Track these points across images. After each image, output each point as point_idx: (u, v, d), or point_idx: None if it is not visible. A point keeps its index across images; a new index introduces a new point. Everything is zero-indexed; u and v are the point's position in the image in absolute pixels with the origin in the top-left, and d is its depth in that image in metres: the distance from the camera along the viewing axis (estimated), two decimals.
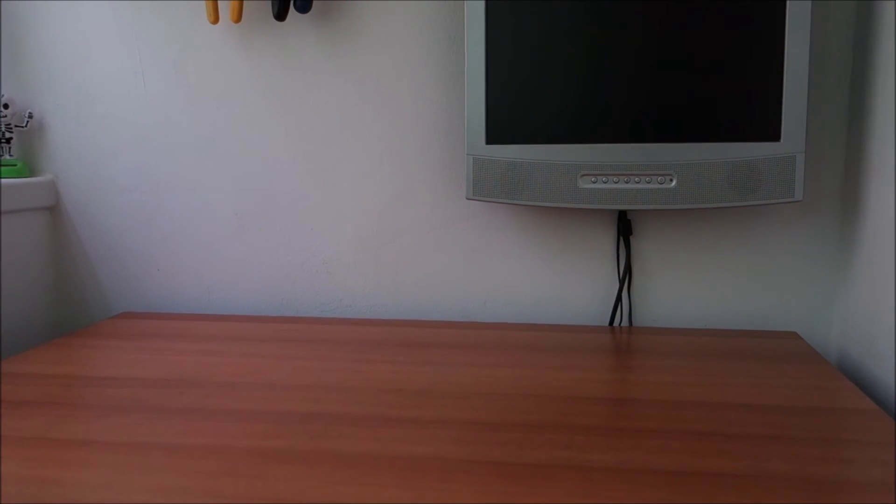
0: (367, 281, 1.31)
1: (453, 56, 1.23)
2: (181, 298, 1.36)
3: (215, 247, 1.33)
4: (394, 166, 1.27)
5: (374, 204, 1.29)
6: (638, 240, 1.22)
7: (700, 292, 1.22)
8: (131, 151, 1.33)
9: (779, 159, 1.03)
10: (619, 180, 1.08)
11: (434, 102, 1.25)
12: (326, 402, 0.86)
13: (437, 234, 1.28)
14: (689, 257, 1.21)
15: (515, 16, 1.09)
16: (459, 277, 1.28)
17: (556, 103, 1.09)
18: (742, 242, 1.20)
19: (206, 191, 1.32)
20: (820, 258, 1.19)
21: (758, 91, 1.03)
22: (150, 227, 1.35)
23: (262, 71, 1.28)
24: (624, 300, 1.23)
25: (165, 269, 1.35)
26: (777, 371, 0.96)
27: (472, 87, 1.11)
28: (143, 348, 1.08)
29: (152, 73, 1.31)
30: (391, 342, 1.10)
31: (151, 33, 1.30)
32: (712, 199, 1.05)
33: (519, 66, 1.09)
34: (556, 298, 1.26)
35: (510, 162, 1.11)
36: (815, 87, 1.15)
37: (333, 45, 1.26)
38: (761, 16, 1.02)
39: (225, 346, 1.09)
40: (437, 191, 1.27)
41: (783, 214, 1.18)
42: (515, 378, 0.94)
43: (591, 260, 1.24)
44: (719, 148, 1.05)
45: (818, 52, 1.14)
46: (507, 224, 1.26)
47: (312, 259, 1.31)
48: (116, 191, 1.34)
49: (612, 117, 1.08)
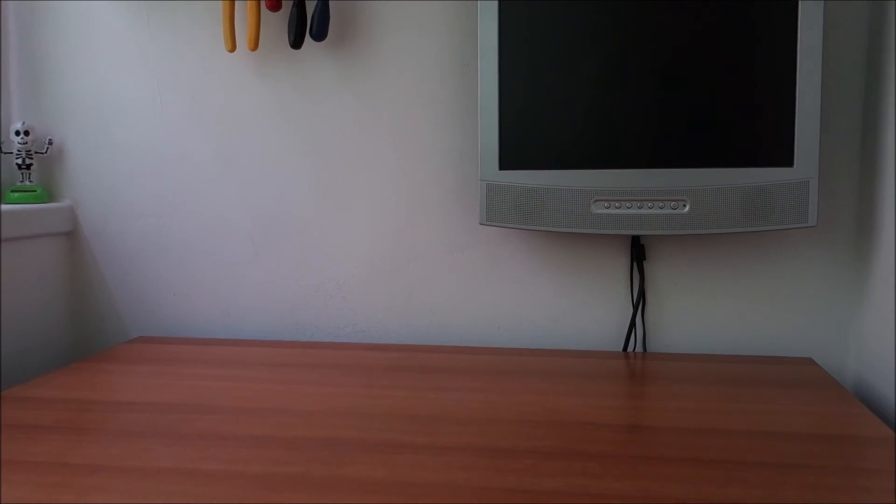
0: (380, 305, 1.31)
1: (467, 82, 1.24)
2: (196, 322, 1.37)
3: (230, 271, 1.34)
4: (408, 191, 1.28)
5: (388, 228, 1.29)
6: (651, 265, 1.22)
7: (714, 318, 1.21)
8: (149, 177, 1.35)
9: (792, 185, 1.03)
10: (633, 205, 1.08)
11: (448, 128, 1.26)
12: (339, 427, 0.86)
13: (450, 259, 1.28)
14: (703, 283, 1.21)
15: (528, 42, 1.10)
16: (473, 302, 1.28)
17: (568, 129, 1.09)
18: (756, 268, 1.19)
19: (221, 215, 1.33)
20: (835, 283, 1.18)
21: (770, 117, 1.04)
22: (166, 252, 1.36)
23: (278, 97, 1.30)
24: (638, 325, 1.23)
25: (181, 293, 1.36)
26: (793, 398, 0.95)
27: (486, 113, 1.12)
28: (158, 373, 1.09)
29: (170, 99, 1.33)
30: (404, 367, 1.10)
31: (170, 61, 1.32)
32: (726, 224, 1.05)
33: (532, 93, 1.10)
34: (569, 323, 1.26)
35: (523, 187, 1.11)
36: (827, 112, 1.15)
37: (348, 71, 1.28)
38: (773, 42, 1.03)
39: (239, 371, 1.10)
40: (450, 216, 1.27)
41: (797, 239, 1.18)
42: (529, 404, 0.93)
43: (605, 285, 1.24)
44: (732, 173, 1.05)
45: (830, 77, 1.14)
46: (520, 249, 1.26)
47: (326, 283, 1.32)
48: (133, 215, 1.36)
49: (624, 143, 1.08)
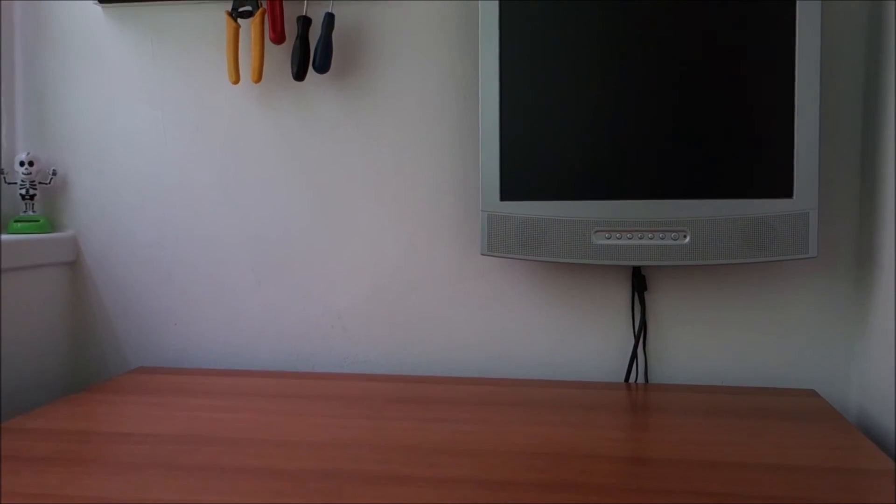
0: (381, 336, 1.31)
1: (468, 113, 1.26)
2: (197, 353, 1.36)
3: (232, 301, 1.35)
4: (409, 222, 1.29)
5: (389, 259, 1.30)
6: (652, 295, 1.22)
7: (716, 349, 1.21)
8: (152, 207, 1.36)
9: (792, 216, 1.04)
10: (633, 236, 1.09)
11: (449, 159, 1.27)
12: (341, 459, 0.86)
13: (451, 289, 1.28)
14: (704, 313, 1.21)
15: (530, 74, 1.11)
16: (474, 333, 1.28)
17: (569, 160, 1.10)
18: (758, 299, 1.20)
19: (224, 245, 1.34)
20: (837, 314, 1.18)
21: (770, 148, 1.04)
22: (168, 282, 1.36)
23: (280, 129, 1.31)
24: (639, 356, 1.23)
25: (182, 323, 1.36)
26: (796, 430, 0.95)
27: (487, 145, 1.13)
28: (159, 404, 1.09)
29: (174, 130, 1.34)
30: (405, 398, 1.10)
31: (174, 92, 1.34)
32: (726, 255, 1.06)
33: (533, 124, 1.11)
34: (571, 354, 1.25)
35: (524, 218, 1.12)
36: (826, 144, 1.16)
37: (350, 103, 1.29)
38: (771, 74, 1.04)
39: (240, 402, 1.09)
40: (451, 246, 1.28)
41: (798, 270, 1.18)
42: (531, 436, 0.93)
43: (606, 315, 1.24)
44: (732, 205, 1.05)
45: (828, 109, 1.15)
46: (521, 279, 1.26)
47: (328, 313, 1.32)
48: (136, 246, 1.36)
49: (625, 174, 1.09)
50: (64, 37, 1.36)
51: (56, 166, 1.37)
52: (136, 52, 1.34)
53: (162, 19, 1.33)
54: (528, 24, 1.10)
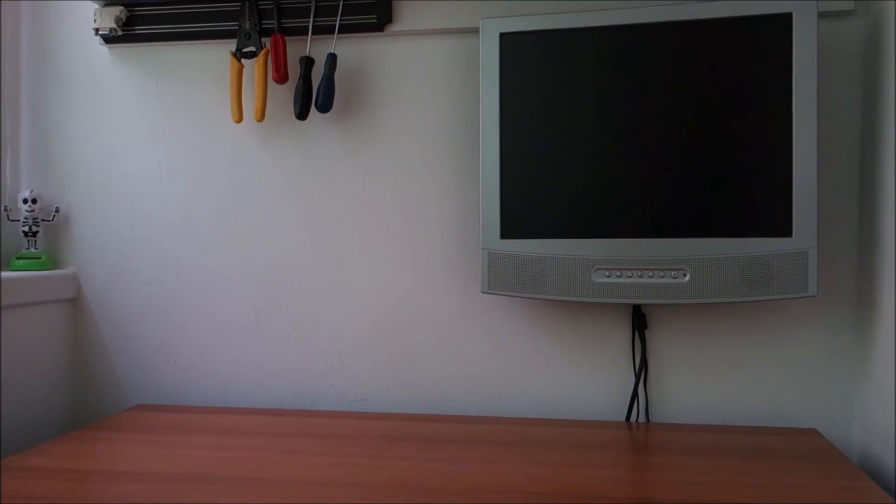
0: (381, 374, 1.30)
1: (469, 152, 1.27)
2: (197, 390, 1.36)
3: (232, 339, 1.34)
4: (410, 260, 1.29)
5: (390, 297, 1.30)
6: (653, 334, 1.22)
7: (717, 387, 1.21)
8: (153, 245, 1.36)
9: (792, 254, 1.04)
10: (633, 275, 1.09)
11: (450, 197, 1.27)
12: (340, 498, 0.85)
13: (452, 327, 1.28)
14: (705, 352, 1.21)
15: (529, 114, 1.12)
16: (475, 371, 1.28)
17: (569, 199, 1.11)
18: (758, 337, 1.20)
19: (224, 283, 1.34)
20: (838, 352, 1.18)
21: (768, 188, 1.05)
22: (168, 319, 1.36)
23: (282, 167, 1.32)
24: (640, 395, 1.23)
25: (182, 360, 1.36)
26: (798, 470, 0.94)
27: (487, 183, 1.14)
28: (158, 442, 1.08)
29: (177, 169, 1.35)
30: (406, 437, 1.10)
31: (177, 131, 1.35)
32: (726, 293, 1.06)
33: (533, 163, 1.12)
34: (572, 392, 1.25)
35: (525, 256, 1.12)
36: (825, 182, 1.16)
37: (352, 142, 1.30)
38: (769, 115, 1.05)
39: (239, 440, 1.09)
40: (452, 284, 1.28)
41: (799, 309, 1.18)
42: (532, 475, 0.92)
43: (607, 354, 1.24)
44: (732, 243, 1.06)
45: (826, 149, 1.16)
46: (522, 317, 1.26)
47: (328, 351, 1.32)
48: (137, 283, 1.37)
49: (625, 212, 1.09)
50: (69, 75, 1.38)
51: (59, 204, 1.38)
52: (140, 91, 1.36)
53: (166, 59, 1.35)
54: (528, 65, 1.12)
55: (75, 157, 1.38)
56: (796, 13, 1.04)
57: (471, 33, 1.26)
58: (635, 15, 1.09)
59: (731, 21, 1.06)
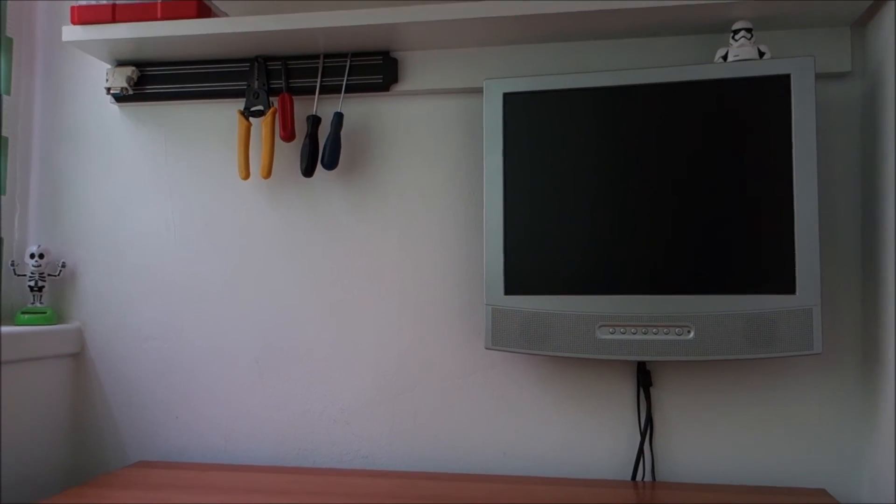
0: (384, 431, 1.29)
1: (472, 209, 1.28)
2: (198, 447, 1.35)
3: (234, 395, 1.34)
4: (413, 316, 1.29)
5: (393, 353, 1.30)
6: (658, 391, 1.21)
7: (724, 445, 1.20)
8: (158, 300, 1.37)
9: (795, 312, 1.04)
10: (637, 331, 1.09)
11: (453, 254, 1.28)
12: None
13: (455, 383, 1.28)
14: (711, 409, 1.20)
15: (533, 172, 1.13)
16: (478, 428, 1.27)
17: (573, 255, 1.12)
18: (764, 395, 1.19)
19: (228, 339, 1.34)
20: (845, 410, 1.17)
21: (770, 245, 1.06)
22: (171, 375, 1.36)
23: (287, 224, 1.33)
24: (646, 453, 1.21)
25: (183, 416, 1.35)
26: None
27: (491, 239, 1.15)
28: (158, 499, 1.07)
29: (183, 225, 1.36)
30: (409, 496, 1.08)
31: (185, 188, 1.37)
32: (731, 351, 1.06)
33: (536, 219, 1.13)
34: (576, 450, 1.24)
35: (529, 312, 1.12)
36: (827, 241, 1.17)
37: (357, 199, 1.31)
38: (770, 172, 1.06)
39: (240, 497, 1.07)
40: (455, 341, 1.28)
41: (804, 366, 1.18)
42: None
43: (612, 411, 1.23)
44: (736, 300, 1.06)
45: (827, 208, 1.17)
46: (526, 374, 1.26)
47: (330, 408, 1.31)
48: (141, 338, 1.37)
49: (628, 269, 1.10)
50: (80, 132, 1.40)
51: (66, 258, 1.39)
52: (149, 148, 1.38)
53: (176, 117, 1.38)
54: (531, 124, 1.14)
55: (84, 212, 1.40)
56: (794, 74, 1.06)
57: (474, 93, 1.29)
58: (637, 76, 1.11)
59: (731, 82, 1.08)
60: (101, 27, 1.25)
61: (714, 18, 1.14)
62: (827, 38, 1.17)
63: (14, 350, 1.21)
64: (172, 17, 1.24)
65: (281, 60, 1.31)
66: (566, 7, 1.11)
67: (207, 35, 1.22)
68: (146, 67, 1.36)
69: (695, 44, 1.22)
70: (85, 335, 1.39)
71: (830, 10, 1.10)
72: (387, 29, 1.19)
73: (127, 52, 1.31)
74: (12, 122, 1.38)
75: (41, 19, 1.43)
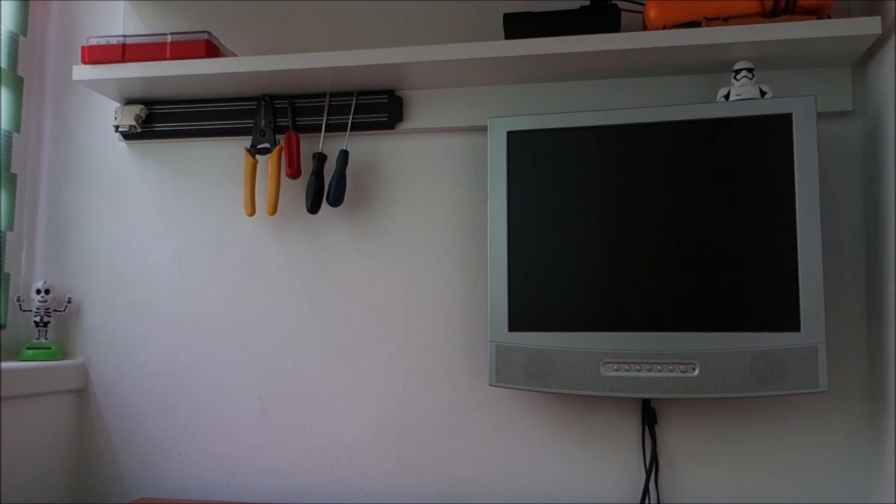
0: (388, 468, 1.29)
1: (476, 246, 1.28)
2: (200, 484, 1.34)
3: (237, 431, 1.33)
4: (417, 352, 1.29)
5: (397, 389, 1.29)
6: (663, 429, 1.21)
7: (730, 484, 1.18)
8: (162, 336, 1.37)
9: (800, 349, 1.04)
10: (642, 368, 1.09)
11: (457, 290, 1.28)
12: None
13: (459, 420, 1.27)
14: (717, 448, 1.19)
15: (537, 209, 1.14)
16: (482, 465, 1.26)
17: (577, 292, 1.12)
18: (770, 433, 1.18)
19: (232, 375, 1.34)
20: (851, 449, 1.16)
21: (774, 283, 1.06)
22: (174, 411, 1.35)
23: (293, 260, 1.34)
24: (651, 491, 1.20)
25: (186, 453, 1.35)
26: None
27: (495, 276, 1.15)
28: None
29: (189, 261, 1.37)
30: None
31: (191, 226, 1.37)
32: (736, 388, 1.05)
33: (541, 256, 1.13)
34: (581, 488, 1.23)
35: (533, 349, 1.12)
36: (831, 279, 1.17)
37: (362, 235, 1.32)
38: (773, 210, 1.07)
39: None
40: (459, 377, 1.27)
41: (810, 404, 1.17)
42: None
43: (617, 448, 1.22)
44: (740, 338, 1.06)
45: (830, 245, 1.17)
46: (530, 411, 1.25)
47: (334, 445, 1.30)
48: (144, 374, 1.37)
49: (633, 306, 1.10)
50: (87, 169, 1.42)
51: (71, 294, 1.40)
52: (156, 185, 1.39)
53: (183, 155, 1.39)
54: (535, 162, 1.15)
55: (90, 248, 1.40)
56: (796, 114, 1.07)
57: (478, 131, 1.30)
58: (640, 115, 1.12)
59: (733, 121, 1.09)
60: (111, 66, 1.26)
61: (716, 58, 1.16)
62: (828, 78, 1.18)
63: (18, 385, 1.21)
64: (181, 56, 1.26)
65: (287, 99, 1.33)
66: (569, 47, 1.13)
67: (215, 74, 1.24)
68: (154, 105, 1.38)
69: (697, 83, 1.23)
70: (89, 371, 1.39)
71: (831, 50, 1.12)
72: (392, 68, 1.20)
73: (136, 91, 1.33)
74: (21, 159, 1.40)
75: (52, 58, 1.45)
